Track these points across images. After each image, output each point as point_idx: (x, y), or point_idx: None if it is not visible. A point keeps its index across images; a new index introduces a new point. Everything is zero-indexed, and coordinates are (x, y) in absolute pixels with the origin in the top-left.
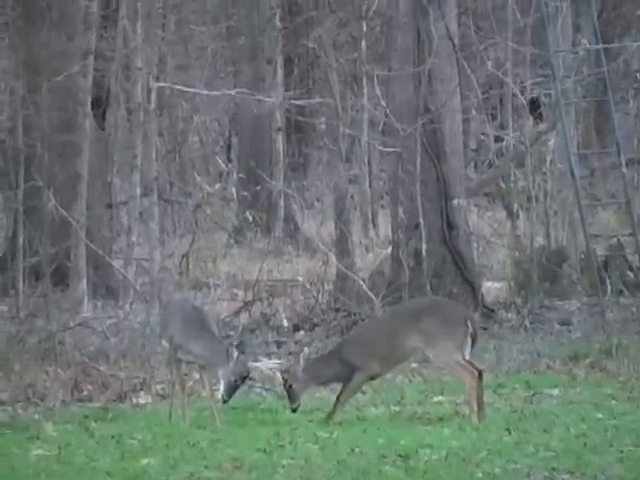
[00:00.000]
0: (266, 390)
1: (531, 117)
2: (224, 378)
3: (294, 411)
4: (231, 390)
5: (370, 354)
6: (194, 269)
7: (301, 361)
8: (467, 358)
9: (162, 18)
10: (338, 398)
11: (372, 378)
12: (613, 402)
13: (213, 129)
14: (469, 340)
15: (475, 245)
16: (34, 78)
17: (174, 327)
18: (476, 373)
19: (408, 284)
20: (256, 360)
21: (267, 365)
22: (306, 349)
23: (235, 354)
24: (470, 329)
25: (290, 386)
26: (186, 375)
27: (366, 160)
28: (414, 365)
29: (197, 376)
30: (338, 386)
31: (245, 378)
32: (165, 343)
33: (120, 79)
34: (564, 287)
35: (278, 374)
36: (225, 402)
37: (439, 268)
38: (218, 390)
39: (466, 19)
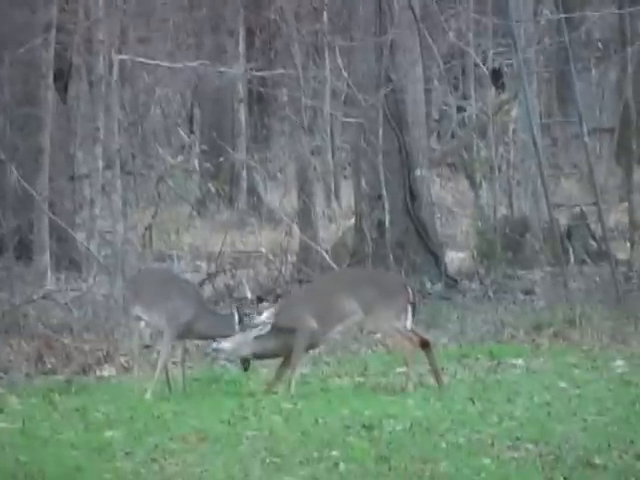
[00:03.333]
0: (230, 362)
1: (493, 87)
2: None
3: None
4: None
5: (304, 312)
6: (157, 241)
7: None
8: (409, 327)
9: None
10: (291, 366)
11: (314, 338)
12: (576, 371)
13: (175, 101)
14: (409, 308)
15: (438, 215)
16: None
17: (177, 304)
18: (417, 341)
19: (371, 255)
20: None
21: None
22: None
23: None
24: (410, 297)
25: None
26: (149, 347)
27: (328, 131)
28: (378, 336)
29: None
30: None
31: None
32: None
33: (82, 52)
34: (527, 257)
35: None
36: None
37: (402, 239)
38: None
39: None
